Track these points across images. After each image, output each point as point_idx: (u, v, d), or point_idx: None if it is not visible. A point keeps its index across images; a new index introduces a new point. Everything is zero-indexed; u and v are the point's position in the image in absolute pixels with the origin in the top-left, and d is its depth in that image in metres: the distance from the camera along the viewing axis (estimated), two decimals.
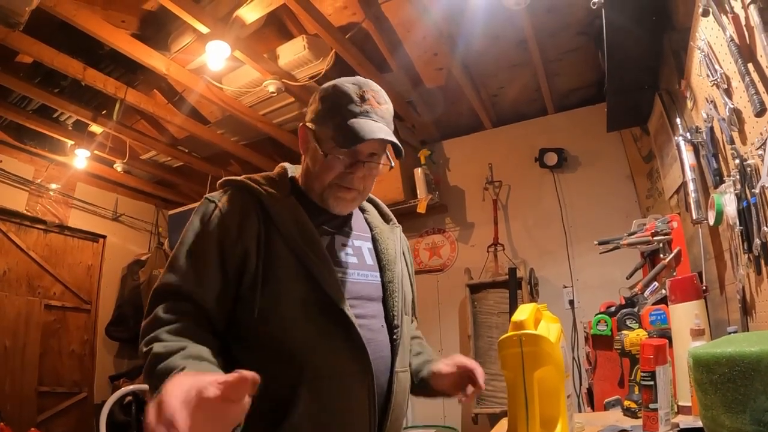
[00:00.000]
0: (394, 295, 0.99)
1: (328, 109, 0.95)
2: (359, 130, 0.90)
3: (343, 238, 1.00)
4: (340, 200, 0.98)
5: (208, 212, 0.92)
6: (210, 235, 0.88)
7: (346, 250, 0.98)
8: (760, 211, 1.11)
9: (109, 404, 2.25)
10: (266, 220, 0.91)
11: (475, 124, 3.65)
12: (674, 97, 1.92)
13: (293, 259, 0.88)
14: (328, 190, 0.97)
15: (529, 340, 0.93)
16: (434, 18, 2.51)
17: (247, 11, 2.33)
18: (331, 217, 1.00)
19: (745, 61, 1.10)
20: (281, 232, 0.90)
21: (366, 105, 0.94)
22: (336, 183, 0.96)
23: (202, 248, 0.88)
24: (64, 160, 3.67)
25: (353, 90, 0.95)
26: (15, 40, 2.32)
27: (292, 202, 0.95)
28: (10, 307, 3.51)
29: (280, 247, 0.89)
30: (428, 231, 3.72)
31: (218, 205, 0.92)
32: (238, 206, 0.91)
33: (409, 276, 1.11)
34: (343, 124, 0.92)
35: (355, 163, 0.95)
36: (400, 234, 1.11)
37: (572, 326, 3.03)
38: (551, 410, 0.94)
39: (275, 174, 1.02)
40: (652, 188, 2.71)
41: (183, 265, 0.87)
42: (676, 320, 1.32)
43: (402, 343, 0.96)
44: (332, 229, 0.99)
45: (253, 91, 2.96)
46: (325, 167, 0.95)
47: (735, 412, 0.72)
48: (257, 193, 0.93)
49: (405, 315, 1.01)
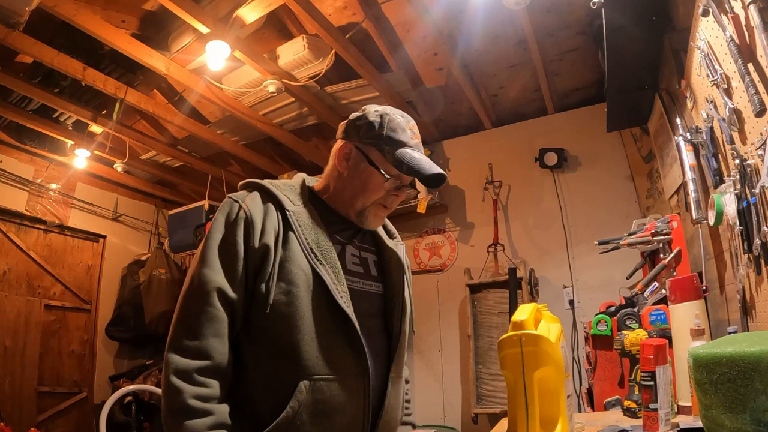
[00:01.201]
0: (395, 307, 1.05)
1: (385, 137, 1.02)
2: (421, 163, 1.01)
3: (352, 248, 1.06)
4: (378, 218, 1.07)
5: (234, 211, 0.95)
6: (236, 233, 0.92)
7: (354, 260, 1.04)
8: (760, 211, 1.11)
9: (109, 404, 2.25)
10: (285, 223, 0.96)
11: (475, 124, 3.65)
12: (674, 97, 1.92)
13: (306, 263, 0.93)
14: (370, 208, 1.05)
15: (529, 340, 0.93)
16: (434, 18, 2.51)
17: (247, 11, 2.33)
18: (345, 228, 1.07)
19: (745, 61, 1.10)
20: (297, 235, 0.95)
21: (416, 139, 1.05)
22: (380, 203, 1.05)
23: (230, 244, 0.92)
24: (64, 160, 3.67)
25: (403, 122, 1.04)
26: (15, 40, 2.32)
27: (310, 210, 1.01)
28: (10, 307, 3.51)
29: (295, 250, 0.94)
30: (428, 231, 3.72)
31: (242, 205, 0.96)
32: (260, 206, 0.96)
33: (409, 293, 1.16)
34: (405, 155, 1.00)
35: (401, 187, 1.06)
36: (403, 252, 1.16)
37: (572, 326, 3.03)
38: (551, 410, 0.94)
39: (294, 182, 1.08)
40: (652, 188, 2.71)
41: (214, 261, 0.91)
42: (676, 320, 1.32)
43: (399, 352, 1.02)
44: (344, 240, 1.05)
45: (253, 91, 2.96)
46: (377, 188, 1.03)
47: (735, 412, 0.72)
48: (278, 196, 0.99)
49: (404, 326, 1.05)
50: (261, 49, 2.68)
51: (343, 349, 0.92)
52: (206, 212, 4.02)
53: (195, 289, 0.89)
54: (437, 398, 3.34)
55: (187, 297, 0.89)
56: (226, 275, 0.89)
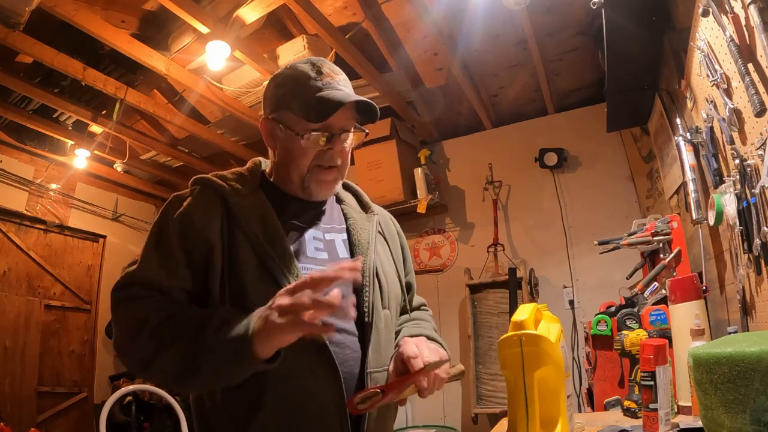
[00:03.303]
0: (365, 289, 0.92)
1: (289, 92, 0.93)
2: (332, 98, 0.88)
3: (314, 231, 0.96)
4: (322, 183, 0.95)
5: (173, 208, 0.91)
6: (173, 229, 0.87)
7: (317, 244, 0.95)
8: (760, 211, 1.11)
9: (109, 404, 2.25)
10: (230, 219, 0.89)
11: (475, 124, 3.65)
12: (674, 97, 1.92)
13: (256, 260, 0.86)
14: (308, 176, 0.94)
15: (529, 340, 0.93)
16: (434, 18, 2.51)
17: (247, 11, 2.33)
18: (303, 209, 0.97)
19: (745, 61, 1.10)
20: (244, 230, 0.88)
21: (325, 78, 0.92)
22: (316, 164, 0.93)
23: (167, 241, 0.87)
24: (64, 160, 3.67)
25: (307, 68, 0.93)
26: (15, 40, 2.32)
27: (258, 198, 0.93)
28: (10, 307, 3.51)
29: (242, 247, 0.87)
30: (428, 231, 3.72)
31: (183, 202, 0.91)
32: (202, 203, 0.90)
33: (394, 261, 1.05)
34: (311, 100, 0.89)
35: (331, 137, 0.92)
36: (377, 221, 1.06)
37: (572, 326, 3.03)
38: (551, 410, 0.94)
39: (245, 169, 1.00)
40: (652, 188, 2.71)
41: (149, 257, 0.86)
42: (676, 320, 1.31)
43: (376, 341, 0.90)
44: (303, 224, 0.96)
45: (253, 91, 2.96)
46: (302, 150, 0.92)
47: (735, 412, 0.72)
48: (222, 189, 0.92)
49: (384, 309, 0.95)
50: (261, 49, 2.68)
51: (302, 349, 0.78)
52: None
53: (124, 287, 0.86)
54: (437, 398, 3.33)
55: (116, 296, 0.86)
56: (164, 271, 0.84)
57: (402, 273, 1.07)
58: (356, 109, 0.95)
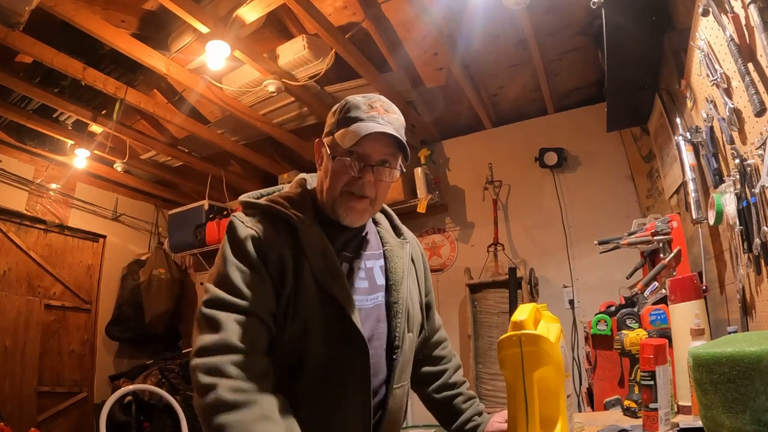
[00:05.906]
0: (398, 316, 1.01)
1: (339, 120, 0.98)
2: (363, 129, 0.92)
3: (358, 261, 1.01)
4: (350, 210, 0.98)
5: (246, 235, 0.91)
6: (251, 257, 0.89)
7: (360, 274, 1.00)
8: (760, 211, 1.11)
9: (109, 404, 2.25)
10: (295, 247, 0.93)
11: (475, 124, 3.65)
12: (674, 97, 1.92)
13: (317, 288, 0.91)
14: (339, 200, 0.97)
15: (528, 340, 0.93)
16: (434, 18, 2.51)
17: (247, 11, 2.33)
18: (350, 239, 1.02)
19: (745, 61, 1.10)
20: (310, 261, 0.92)
21: (373, 111, 0.96)
22: (346, 191, 0.96)
23: (250, 266, 0.88)
24: (64, 160, 3.67)
25: (362, 101, 0.98)
26: (15, 40, 2.32)
27: (317, 231, 0.96)
28: (10, 307, 3.51)
29: (307, 275, 0.91)
30: (428, 231, 3.72)
31: (254, 229, 0.92)
32: (271, 231, 0.93)
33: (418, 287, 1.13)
34: (350, 129, 0.94)
35: (364, 167, 0.95)
36: (409, 250, 1.11)
37: (572, 326, 3.03)
38: (551, 410, 0.94)
39: (295, 193, 1.01)
40: (652, 188, 2.71)
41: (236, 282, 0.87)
42: (676, 320, 1.31)
43: (401, 362, 1.00)
44: (351, 254, 1.01)
45: (253, 91, 2.96)
46: (335, 172, 0.96)
47: (735, 412, 0.72)
48: (287, 218, 0.95)
49: (408, 333, 1.03)
50: (261, 49, 2.68)
51: (347, 366, 0.92)
52: (206, 212, 4.02)
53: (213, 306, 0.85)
54: None
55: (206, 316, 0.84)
56: (254, 298, 0.86)
57: (423, 295, 1.16)
58: (397, 146, 0.97)
